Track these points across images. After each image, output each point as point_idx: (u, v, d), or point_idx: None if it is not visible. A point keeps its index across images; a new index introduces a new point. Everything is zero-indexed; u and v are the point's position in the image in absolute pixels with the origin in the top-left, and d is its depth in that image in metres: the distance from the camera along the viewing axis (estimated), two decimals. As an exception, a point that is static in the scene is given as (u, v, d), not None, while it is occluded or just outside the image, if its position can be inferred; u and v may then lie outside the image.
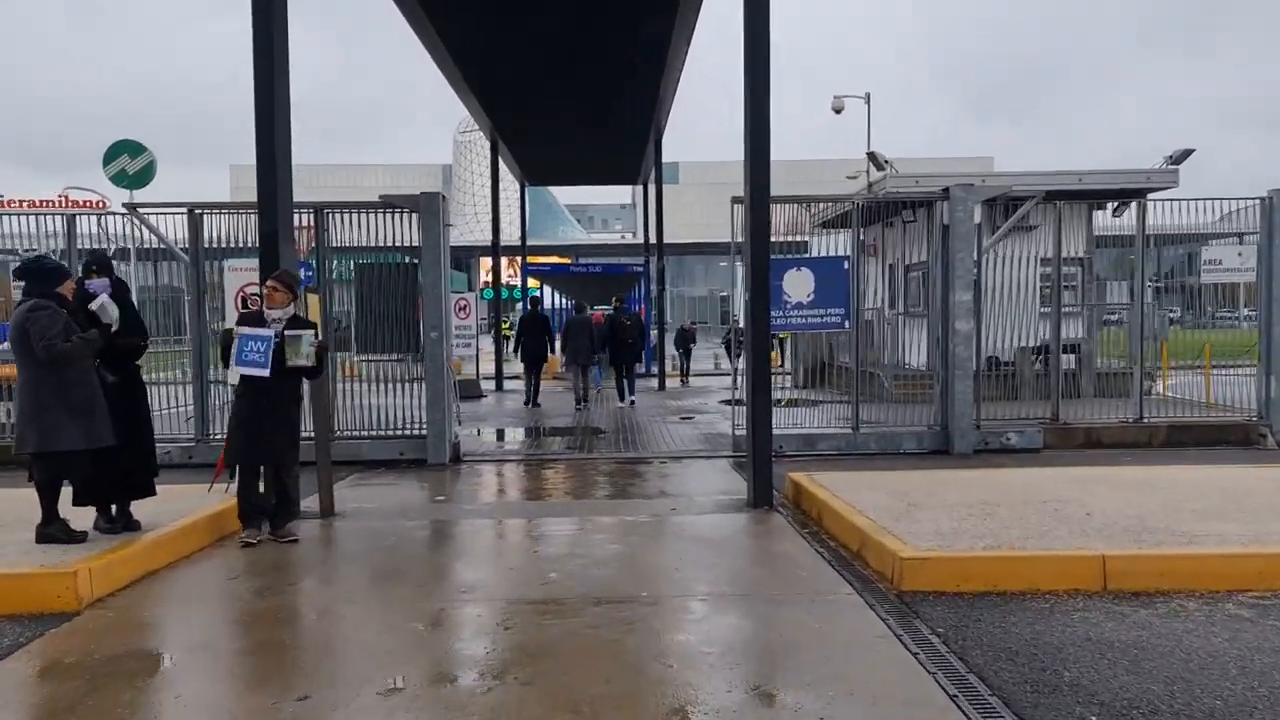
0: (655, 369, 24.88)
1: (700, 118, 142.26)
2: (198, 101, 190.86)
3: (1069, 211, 12.85)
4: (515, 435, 14.58)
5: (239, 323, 7.33)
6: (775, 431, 9.19)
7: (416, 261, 11.51)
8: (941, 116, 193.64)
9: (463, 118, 75.11)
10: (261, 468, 7.22)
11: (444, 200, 11.51)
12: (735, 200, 11.73)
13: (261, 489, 7.24)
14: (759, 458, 8.42)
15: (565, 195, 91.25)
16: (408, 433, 11.54)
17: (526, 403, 17.87)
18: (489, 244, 28.88)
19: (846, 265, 11.92)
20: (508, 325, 42.44)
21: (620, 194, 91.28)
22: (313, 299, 8.33)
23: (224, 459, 7.17)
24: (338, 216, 11.57)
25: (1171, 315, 16.49)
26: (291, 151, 8.26)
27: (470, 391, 19.85)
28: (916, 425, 12.05)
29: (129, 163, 46.54)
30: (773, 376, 12.32)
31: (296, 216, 11.42)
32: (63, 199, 35.59)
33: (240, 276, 11.20)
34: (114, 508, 6.70)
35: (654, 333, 26.42)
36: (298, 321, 7.23)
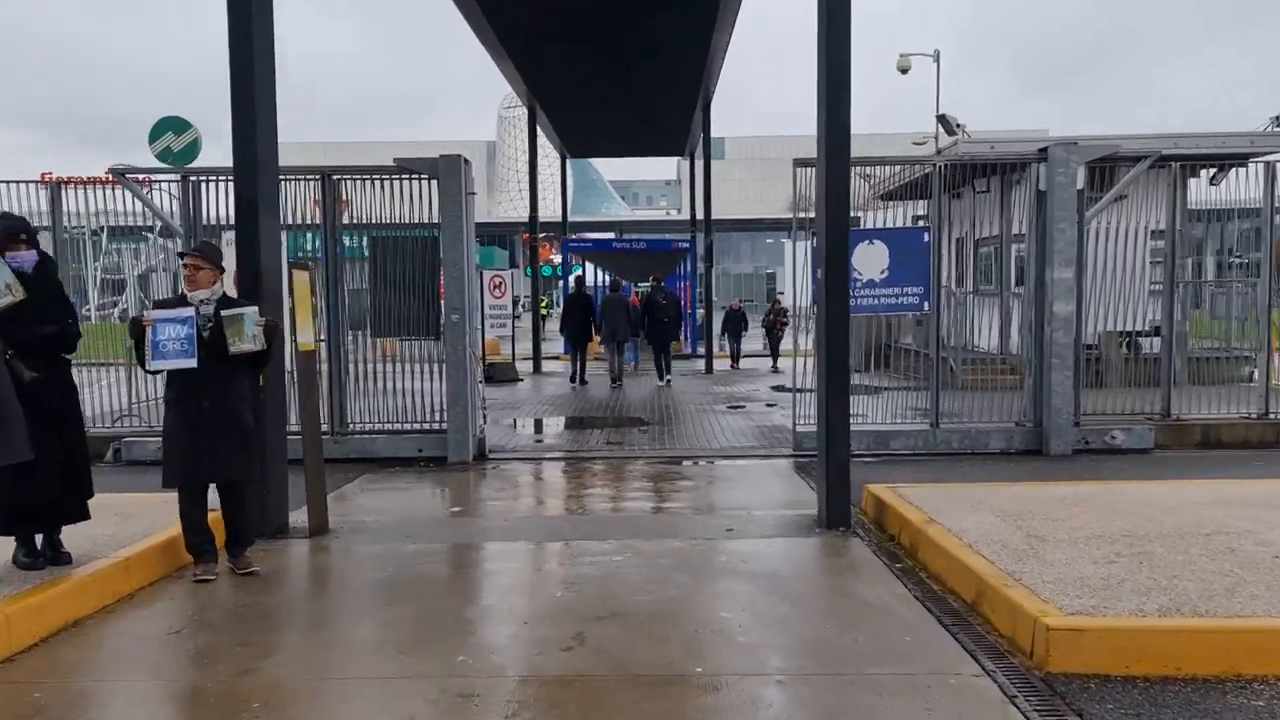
0: (702, 350, 23.37)
1: (746, 92, 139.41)
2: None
3: (1157, 179, 11.03)
4: (549, 426, 13.14)
5: (155, 308, 5.89)
6: (850, 434, 7.62)
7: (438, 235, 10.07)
8: (986, 91, 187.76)
9: (507, 93, 73.68)
10: (213, 485, 5.83)
11: (466, 165, 10.04)
12: (799, 163, 10.15)
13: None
14: (835, 471, 6.87)
15: (609, 171, 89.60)
16: (427, 427, 10.15)
17: (572, 380, 17.75)
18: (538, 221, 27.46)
19: (927, 237, 10.27)
20: (545, 305, 41.01)
21: (665, 169, 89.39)
22: (301, 277, 6.90)
23: (164, 477, 5.73)
24: (348, 184, 10.16)
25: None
26: (275, 92, 6.81)
27: (506, 375, 18.48)
28: (1003, 421, 10.40)
29: (174, 140, 45.89)
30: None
31: (303, 184, 10.15)
32: (108, 177, 34.98)
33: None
34: (39, 538, 5.36)
35: (700, 312, 24.89)
36: (230, 301, 5.82)
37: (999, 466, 9.38)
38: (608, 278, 26.31)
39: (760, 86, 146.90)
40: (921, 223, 20.55)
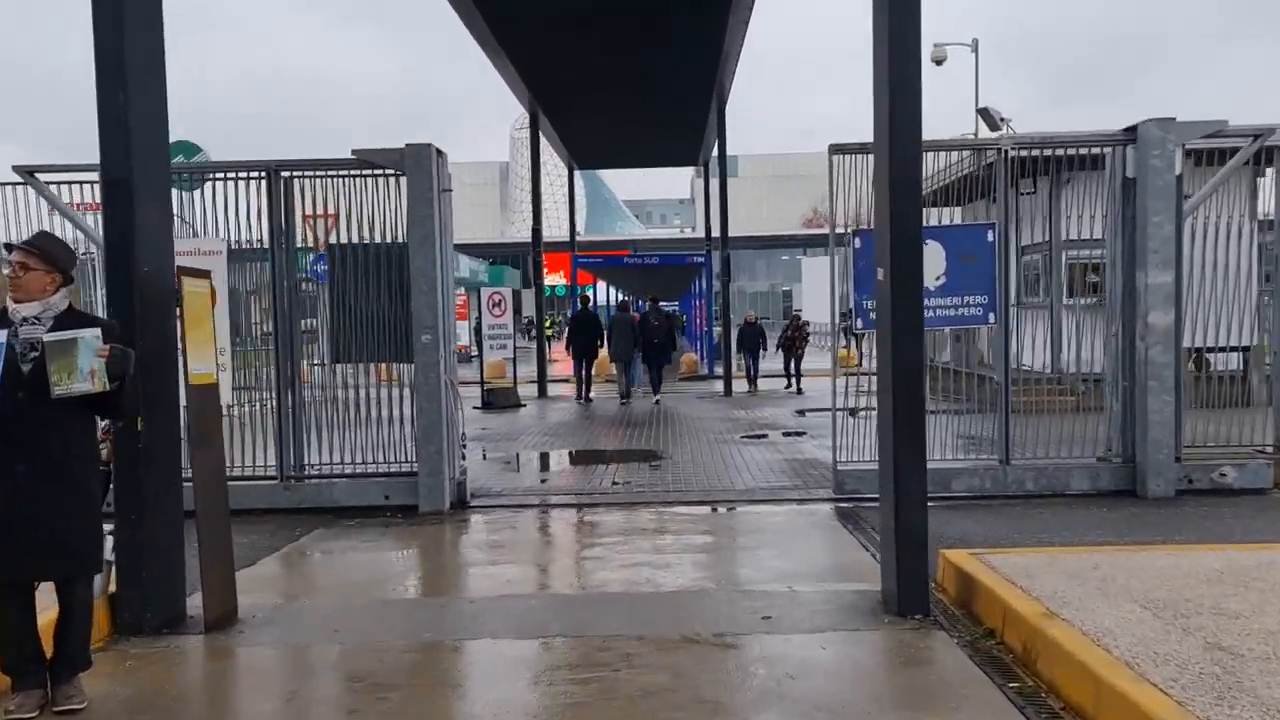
0: (719, 369, 21.58)
1: (757, 108, 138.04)
2: (243, 103, 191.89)
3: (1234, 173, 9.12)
4: (549, 461, 11.36)
5: None
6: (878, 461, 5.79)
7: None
8: (1008, 95, 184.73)
9: (520, 114, 72.44)
10: (42, 583, 4.08)
11: (440, 157, 8.33)
12: (835, 150, 8.42)
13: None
14: (907, 540, 5.03)
15: (622, 190, 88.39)
16: (396, 469, 8.40)
17: (578, 398, 17.36)
18: (549, 240, 25.89)
19: (990, 236, 8.46)
20: (549, 325, 39.03)
21: (679, 188, 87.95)
22: (195, 287, 5.13)
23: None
24: (300, 183, 8.45)
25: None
26: (162, 16, 5.09)
27: (507, 401, 16.75)
28: (1084, 455, 8.54)
29: (185, 164, 44.64)
30: (852, 377, 9.09)
31: (246, 184, 8.45)
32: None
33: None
34: None
35: (718, 330, 23.13)
36: (72, 319, 4.08)
37: (1089, 514, 7.53)
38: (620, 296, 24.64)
39: (772, 104, 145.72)
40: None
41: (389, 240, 8.37)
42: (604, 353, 17.97)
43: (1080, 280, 12.75)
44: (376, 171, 8.29)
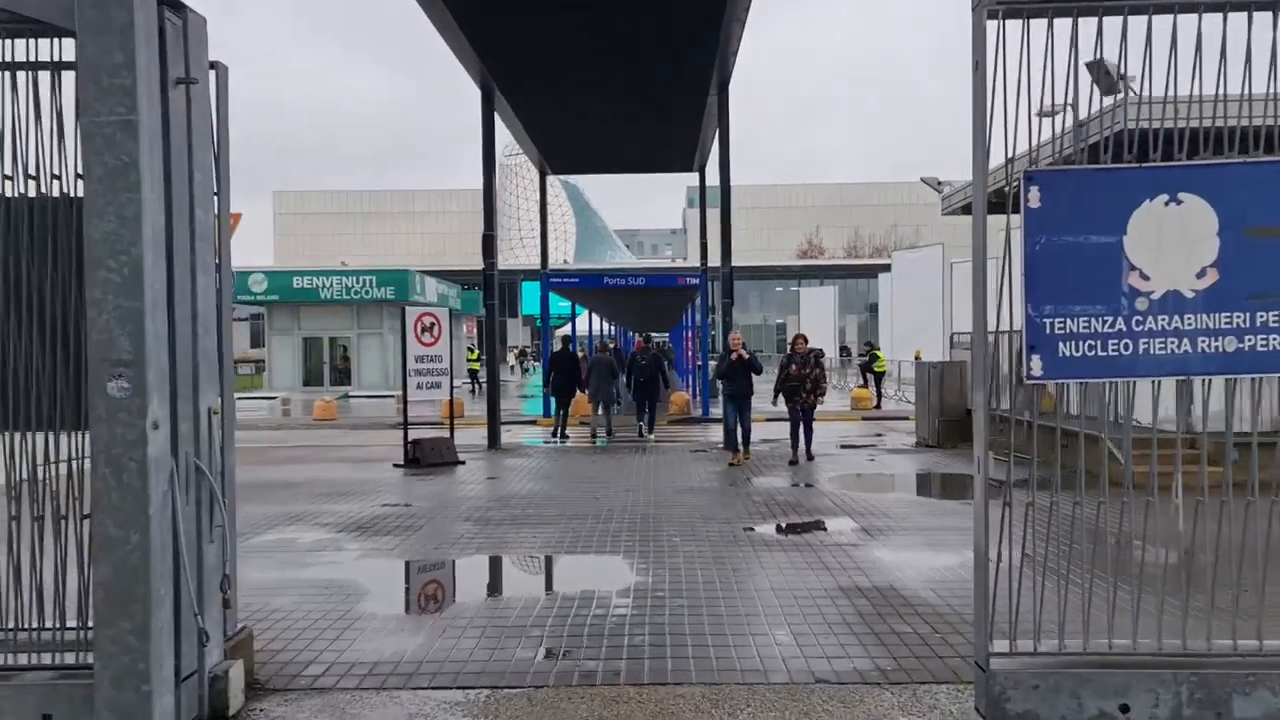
0: (716, 411, 17.19)
1: (745, 140, 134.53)
2: (241, 129, 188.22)
3: None
4: (457, 578, 6.85)
5: None
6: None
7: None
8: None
9: (508, 141, 68.41)
10: None
11: (172, 11, 3.91)
12: (997, 7, 4.03)
13: None
14: None
15: (613, 221, 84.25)
16: (71, 660, 3.90)
17: (553, 435, 16.41)
18: (535, 269, 21.53)
19: (1305, 183, 4.04)
20: (475, 355, 33.88)
21: (670, 218, 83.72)
22: None
23: None
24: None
25: None
26: None
27: (438, 457, 12.24)
28: None
29: None
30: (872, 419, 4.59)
31: None
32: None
33: None
34: None
35: (714, 364, 18.80)
36: None
37: None
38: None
39: (764, 135, 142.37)
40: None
41: (59, 190, 3.93)
42: (582, 395, 17.07)
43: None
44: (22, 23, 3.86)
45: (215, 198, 4.33)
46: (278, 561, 7.06)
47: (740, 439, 12.49)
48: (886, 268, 45.84)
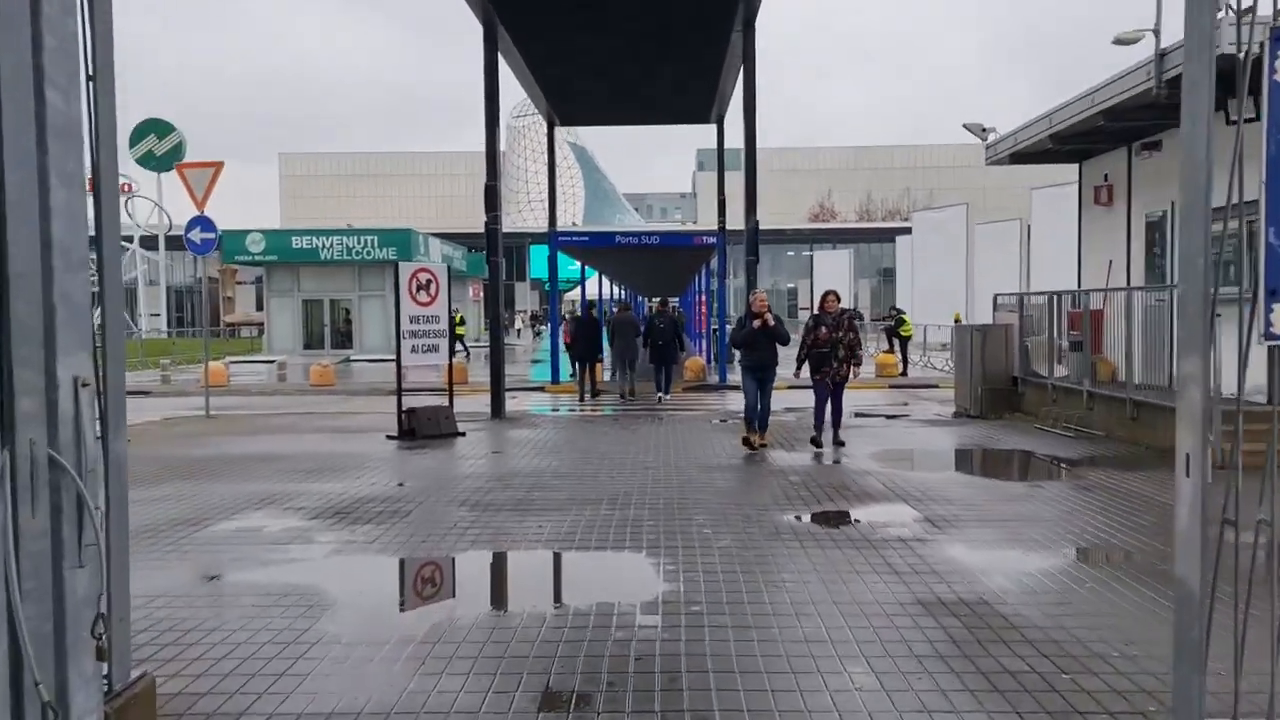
0: (734, 379, 15.95)
1: (763, 100, 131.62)
2: (247, 95, 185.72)
3: None
4: (441, 585, 5.65)
5: None
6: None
7: None
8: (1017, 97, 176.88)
9: (518, 99, 66.59)
10: None
11: None
12: None
13: None
14: None
15: (622, 184, 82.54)
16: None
17: (581, 398, 16.30)
18: (543, 231, 20.11)
19: None
20: (459, 319, 31.22)
21: (680, 181, 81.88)
22: None
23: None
24: None
25: None
26: None
27: (437, 428, 11.02)
28: None
29: (156, 143, 37.39)
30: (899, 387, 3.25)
31: None
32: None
33: None
34: None
35: (729, 327, 17.52)
36: None
37: None
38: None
39: (774, 99, 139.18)
40: (1102, 195, 12.94)
41: None
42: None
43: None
44: None
45: (89, 83, 3.05)
46: (230, 559, 5.85)
47: (758, 419, 10.33)
48: (903, 231, 44.35)
